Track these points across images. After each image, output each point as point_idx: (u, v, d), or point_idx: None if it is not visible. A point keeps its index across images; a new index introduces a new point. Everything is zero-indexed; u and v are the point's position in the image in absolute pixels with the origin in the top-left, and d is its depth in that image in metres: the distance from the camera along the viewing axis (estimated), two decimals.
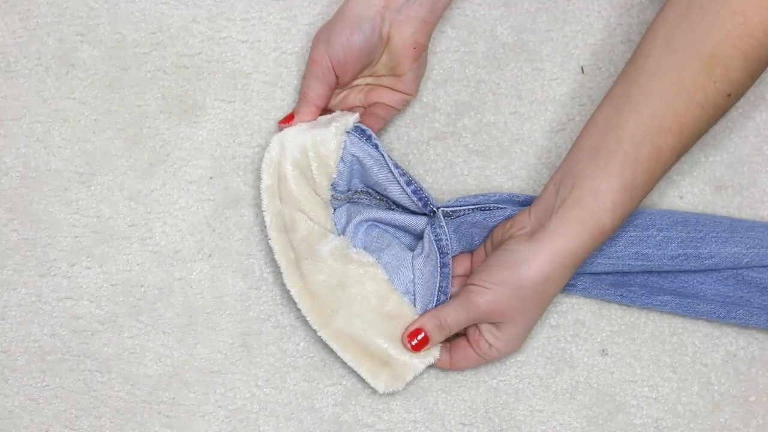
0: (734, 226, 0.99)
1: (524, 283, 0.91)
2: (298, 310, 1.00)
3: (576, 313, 1.02)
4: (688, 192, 1.03)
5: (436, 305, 0.96)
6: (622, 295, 0.99)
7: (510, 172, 1.03)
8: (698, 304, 0.98)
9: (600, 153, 0.90)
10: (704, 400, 1.00)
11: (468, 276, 0.97)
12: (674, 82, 0.89)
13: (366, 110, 1.00)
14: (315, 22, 1.05)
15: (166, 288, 1.01)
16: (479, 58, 1.05)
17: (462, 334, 0.97)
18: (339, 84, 0.98)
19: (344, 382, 1.00)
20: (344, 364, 1.00)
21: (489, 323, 0.94)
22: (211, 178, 1.03)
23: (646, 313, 1.01)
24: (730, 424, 1.00)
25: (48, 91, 1.04)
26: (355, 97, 1.01)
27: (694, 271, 0.99)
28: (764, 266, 0.98)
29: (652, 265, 0.98)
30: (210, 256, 1.02)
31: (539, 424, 1.00)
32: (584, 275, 1.00)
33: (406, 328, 0.95)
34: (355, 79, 0.99)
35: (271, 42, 1.05)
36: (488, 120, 1.04)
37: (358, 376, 1.00)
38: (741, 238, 0.98)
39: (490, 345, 0.94)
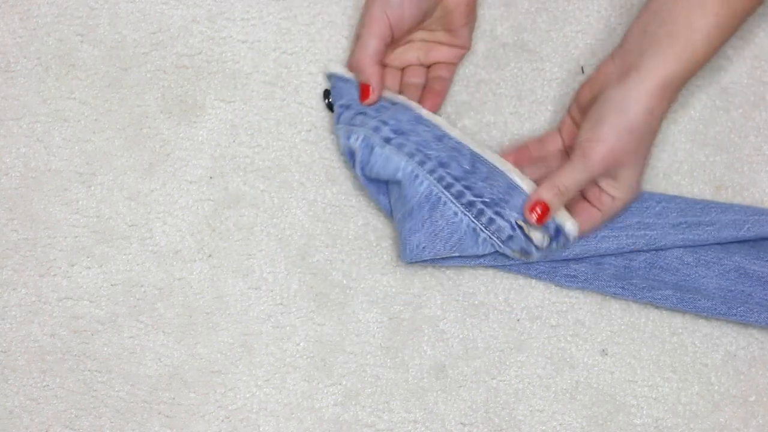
0: (729, 204, 1.01)
1: (634, 124, 0.92)
2: (299, 309, 1.00)
3: (576, 313, 1.02)
4: (688, 192, 1.03)
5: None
6: (623, 287, 0.99)
7: None
8: (699, 300, 0.98)
9: None
10: (704, 400, 1.00)
11: (566, 149, 0.99)
12: None
13: (428, 85, 1.02)
14: (315, 22, 1.05)
15: (166, 288, 1.01)
16: (479, 58, 1.05)
17: (579, 198, 0.98)
18: (394, 41, 0.99)
19: (344, 382, 1.00)
20: (344, 363, 1.00)
21: (607, 177, 0.94)
22: (211, 178, 1.03)
23: (646, 313, 1.01)
24: (730, 424, 1.00)
25: (48, 91, 1.04)
26: (413, 54, 1.02)
27: (696, 264, 0.99)
28: (766, 260, 0.99)
29: (655, 236, 0.98)
30: (210, 256, 1.02)
31: (539, 424, 1.00)
32: (586, 265, 1.00)
33: (525, 203, 0.95)
34: (410, 34, 1.01)
35: (271, 42, 1.05)
36: (488, 120, 1.04)
37: (358, 375, 1.00)
38: (740, 207, 1.00)
39: (613, 198, 0.95)
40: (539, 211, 0.95)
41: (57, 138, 1.03)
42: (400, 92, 1.02)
